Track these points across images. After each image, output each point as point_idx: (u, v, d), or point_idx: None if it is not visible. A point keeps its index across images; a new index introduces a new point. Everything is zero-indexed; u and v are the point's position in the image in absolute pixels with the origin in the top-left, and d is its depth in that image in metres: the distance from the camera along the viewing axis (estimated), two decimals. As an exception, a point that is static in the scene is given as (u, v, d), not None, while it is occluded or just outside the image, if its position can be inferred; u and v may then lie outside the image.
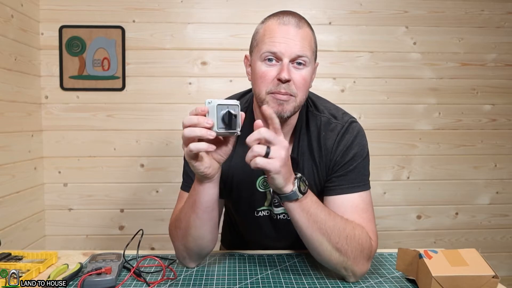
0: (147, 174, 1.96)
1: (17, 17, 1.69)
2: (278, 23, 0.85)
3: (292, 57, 0.83)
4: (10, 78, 1.65)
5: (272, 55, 0.84)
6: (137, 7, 1.90)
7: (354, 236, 0.82)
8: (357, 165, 0.91)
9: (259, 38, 0.88)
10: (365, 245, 0.83)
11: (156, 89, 1.93)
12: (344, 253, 0.80)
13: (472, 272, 0.76)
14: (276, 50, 0.83)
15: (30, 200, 1.82)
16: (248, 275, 0.88)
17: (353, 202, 0.88)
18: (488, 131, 2.06)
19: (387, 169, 2.04)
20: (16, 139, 1.70)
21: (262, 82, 0.86)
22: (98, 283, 0.78)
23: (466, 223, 2.09)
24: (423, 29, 1.99)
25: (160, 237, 1.94)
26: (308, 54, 0.85)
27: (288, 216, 0.99)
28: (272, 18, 0.87)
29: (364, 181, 0.92)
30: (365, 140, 0.95)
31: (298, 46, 0.83)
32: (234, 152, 0.96)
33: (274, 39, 0.83)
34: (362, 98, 1.99)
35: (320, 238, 0.80)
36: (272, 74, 0.84)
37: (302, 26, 0.85)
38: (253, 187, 0.97)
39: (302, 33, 0.84)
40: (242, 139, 0.96)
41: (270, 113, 0.75)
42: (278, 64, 0.84)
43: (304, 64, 0.85)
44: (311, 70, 0.88)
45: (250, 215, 1.02)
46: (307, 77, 0.86)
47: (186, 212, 0.86)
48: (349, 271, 0.83)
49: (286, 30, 0.83)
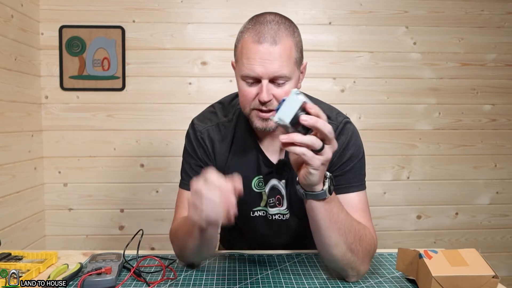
0: (147, 174, 1.96)
1: (17, 17, 1.69)
2: (253, 41, 0.82)
3: (271, 77, 0.82)
4: (10, 78, 1.65)
5: (251, 78, 0.84)
6: (137, 7, 1.90)
7: (365, 236, 0.82)
8: (354, 165, 0.91)
9: (238, 53, 0.87)
10: (372, 246, 0.84)
11: (156, 89, 1.93)
12: (356, 254, 0.80)
13: (472, 272, 0.76)
14: (254, 74, 0.82)
15: (30, 200, 1.82)
16: (248, 275, 0.88)
17: (352, 202, 0.89)
18: (488, 131, 2.06)
19: (387, 169, 2.04)
20: (16, 139, 1.70)
21: (245, 100, 0.87)
22: (98, 283, 0.78)
23: (466, 223, 2.09)
24: (423, 29, 1.99)
25: (160, 237, 1.94)
26: (286, 72, 0.82)
27: (283, 216, 1.00)
28: (248, 32, 0.84)
29: (360, 180, 0.92)
30: (360, 140, 0.95)
31: (276, 66, 0.81)
32: (229, 153, 0.97)
33: (250, 61, 0.82)
34: (362, 98, 1.99)
35: (338, 239, 0.79)
36: (253, 93, 0.85)
37: (279, 39, 0.82)
38: (248, 188, 0.97)
39: (280, 49, 0.81)
40: (237, 139, 0.97)
41: (316, 110, 0.71)
42: (258, 84, 0.84)
43: (286, 80, 0.84)
44: (294, 81, 0.86)
45: (245, 215, 1.01)
46: (289, 91, 0.84)
47: (183, 235, 0.86)
48: (354, 270, 0.82)
49: (262, 50, 0.81)
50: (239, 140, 0.97)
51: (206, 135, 0.97)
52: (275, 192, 0.97)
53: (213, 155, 0.97)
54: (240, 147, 0.97)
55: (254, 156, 0.96)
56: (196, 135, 0.97)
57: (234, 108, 1.00)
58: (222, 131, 0.98)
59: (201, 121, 0.99)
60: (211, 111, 1.02)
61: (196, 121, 1.00)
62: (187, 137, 0.99)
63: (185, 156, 1.00)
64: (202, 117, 1.01)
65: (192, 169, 0.97)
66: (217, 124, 0.98)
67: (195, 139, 0.97)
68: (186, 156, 1.00)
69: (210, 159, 0.97)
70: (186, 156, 1.00)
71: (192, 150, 0.97)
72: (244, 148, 0.96)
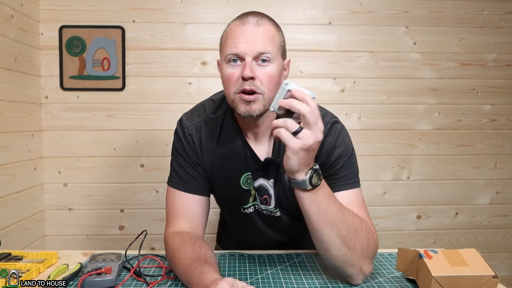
0: (147, 174, 1.96)
1: (17, 17, 1.69)
2: (237, 24, 0.86)
3: (254, 55, 0.84)
4: (10, 78, 1.65)
5: (234, 56, 0.85)
6: (137, 7, 1.90)
7: (362, 229, 0.81)
8: (343, 164, 0.91)
9: (223, 41, 0.90)
10: (371, 239, 0.82)
11: (156, 89, 1.93)
12: (352, 248, 0.79)
13: (472, 272, 0.76)
14: (238, 51, 0.84)
15: (30, 200, 1.82)
16: (248, 275, 0.88)
17: (347, 199, 0.88)
18: (488, 131, 2.06)
19: (387, 169, 2.04)
20: (16, 139, 1.70)
21: (229, 84, 0.87)
22: (98, 283, 0.78)
23: (466, 223, 2.09)
24: (423, 29, 1.99)
25: (160, 237, 1.92)
26: (270, 50, 0.84)
27: (272, 213, 1.00)
28: (233, 21, 0.89)
29: (353, 178, 0.92)
30: (348, 139, 0.95)
31: (260, 43, 0.83)
32: (216, 148, 0.96)
33: (234, 40, 0.84)
34: (362, 98, 1.99)
35: (329, 231, 0.78)
36: (237, 74, 0.85)
37: (262, 23, 0.86)
38: (237, 185, 0.97)
39: (263, 30, 0.85)
40: (224, 135, 0.97)
41: (303, 94, 0.74)
42: (241, 64, 0.85)
43: (268, 60, 0.85)
44: (277, 66, 0.87)
45: (237, 211, 1.02)
46: (272, 73, 0.86)
47: (181, 276, 0.83)
48: (356, 267, 0.80)
49: (246, 30, 0.84)
50: (226, 136, 0.96)
51: (194, 131, 0.96)
52: (263, 191, 0.97)
53: (200, 152, 0.96)
54: (228, 143, 0.96)
55: (242, 152, 0.95)
56: (184, 132, 0.97)
57: (223, 104, 1.00)
58: (210, 126, 0.97)
59: (189, 117, 0.99)
60: (200, 107, 1.02)
61: (184, 118, 1.00)
62: (176, 134, 0.99)
63: (173, 153, 1.00)
64: (190, 113, 1.01)
65: (181, 166, 0.96)
66: (205, 120, 0.98)
67: (183, 135, 0.97)
68: (174, 153, 0.99)
69: (198, 156, 0.96)
70: (174, 153, 0.99)
71: (180, 147, 0.97)
72: (232, 144, 0.96)
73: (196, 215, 0.96)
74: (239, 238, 1.14)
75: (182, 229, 0.92)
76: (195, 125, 0.97)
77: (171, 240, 0.90)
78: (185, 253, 0.83)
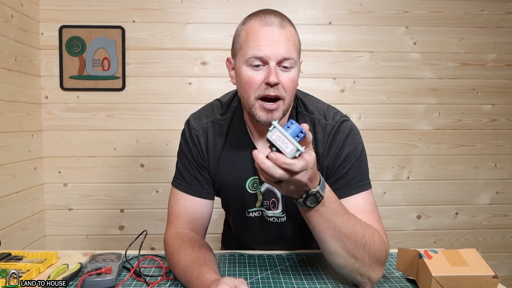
0: (147, 174, 1.96)
1: (17, 17, 1.69)
2: (260, 24, 0.81)
3: (279, 59, 0.80)
4: (10, 78, 1.65)
5: (258, 60, 0.81)
6: (137, 7, 1.90)
7: (374, 242, 0.77)
8: (352, 165, 0.88)
9: (242, 41, 0.84)
10: (383, 251, 0.79)
11: (156, 89, 1.93)
12: (360, 260, 0.76)
13: (472, 272, 0.76)
14: (262, 54, 0.80)
15: (30, 200, 1.82)
16: (248, 275, 0.88)
17: (356, 205, 0.85)
18: (488, 131, 2.06)
19: (387, 169, 2.04)
20: (16, 139, 1.70)
21: (249, 88, 0.83)
22: (98, 283, 0.78)
23: (466, 223, 2.09)
24: (423, 29, 1.99)
25: (160, 237, 1.92)
26: (294, 56, 0.82)
27: (278, 219, 0.98)
28: (253, 19, 0.83)
29: (362, 180, 0.89)
30: (358, 138, 0.92)
31: (284, 48, 0.80)
32: (223, 151, 0.95)
33: (258, 42, 0.80)
34: (362, 98, 1.99)
35: (335, 244, 0.76)
36: (259, 78, 0.81)
37: (285, 25, 0.82)
38: (243, 189, 0.96)
39: (287, 33, 0.81)
40: (231, 138, 0.95)
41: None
42: (264, 67, 0.81)
43: (291, 66, 0.82)
44: (298, 70, 0.85)
45: (241, 215, 1.01)
46: (295, 78, 0.84)
47: (180, 277, 0.82)
48: (365, 277, 0.78)
49: (270, 32, 0.80)
50: (233, 139, 0.95)
51: (200, 132, 0.95)
52: (270, 194, 0.95)
53: (206, 154, 0.95)
54: (234, 146, 0.95)
55: (249, 156, 0.91)
56: (190, 133, 0.96)
57: (232, 106, 0.97)
58: (217, 128, 0.95)
59: (196, 118, 0.98)
60: (208, 108, 1.00)
61: (192, 118, 0.98)
62: (183, 135, 0.98)
63: (179, 153, 0.99)
64: (198, 114, 0.99)
65: (186, 168, 0.96)
66: (213, 121, 0.96)
67: (190, 137, 0.95)
68: (180, 154, 0.98)
69: (203, 158, 0.95)
70: (180, 154, 0.98)
71: (186, 149, 0.96)
72: (239, 147, 0.94)
73: (197, 218, 0.95)
74: (242, 243, 1.13)
75: (182, 230, 0.91)
76: (202, 126, 0.96)
77: (170, 240, 0.89)
78: (184, 254, 0.83)
